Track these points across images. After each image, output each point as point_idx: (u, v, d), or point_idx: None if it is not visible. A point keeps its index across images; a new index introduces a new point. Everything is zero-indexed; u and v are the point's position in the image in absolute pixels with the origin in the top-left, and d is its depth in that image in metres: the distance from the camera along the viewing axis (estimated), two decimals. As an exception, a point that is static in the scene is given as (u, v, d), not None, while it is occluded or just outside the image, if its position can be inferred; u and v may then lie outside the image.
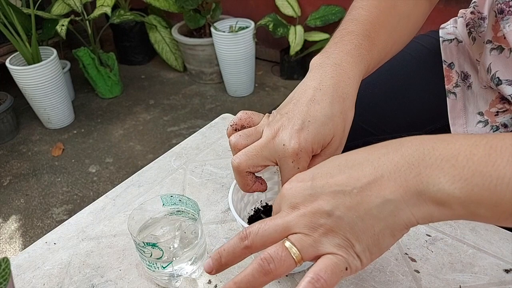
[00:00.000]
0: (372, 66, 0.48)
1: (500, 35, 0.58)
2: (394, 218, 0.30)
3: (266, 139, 0.40)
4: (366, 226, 0.30)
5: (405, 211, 0.29)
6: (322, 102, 0.40)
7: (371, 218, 0.30)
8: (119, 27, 2.49)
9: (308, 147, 0.39)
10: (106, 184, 1.75)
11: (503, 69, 0.58)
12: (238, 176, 0.42)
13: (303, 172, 0.35)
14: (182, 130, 2.06)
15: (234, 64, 2.17)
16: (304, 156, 0.39)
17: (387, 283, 0.45)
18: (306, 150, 0.39)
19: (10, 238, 1.53)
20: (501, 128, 0.63)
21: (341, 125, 0.41)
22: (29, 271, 0.50)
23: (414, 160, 0.29)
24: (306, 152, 0.39)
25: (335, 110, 0.40)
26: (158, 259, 0.43)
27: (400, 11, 0.52)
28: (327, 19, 2.12)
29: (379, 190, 0.30)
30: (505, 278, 0.45)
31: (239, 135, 0.42)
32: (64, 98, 2.06)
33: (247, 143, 0.42)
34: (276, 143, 0.39)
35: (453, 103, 0.68)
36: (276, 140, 0.39)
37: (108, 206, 0.58)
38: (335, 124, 0.40)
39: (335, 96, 0.41)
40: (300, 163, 0.39)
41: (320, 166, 0.34)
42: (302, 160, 0.39)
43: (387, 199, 0.29)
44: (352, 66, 0.43)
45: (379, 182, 0.30)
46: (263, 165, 0.41)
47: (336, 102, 0.40)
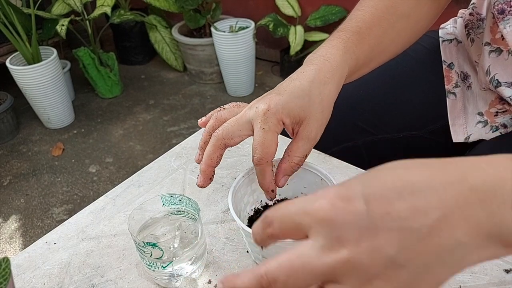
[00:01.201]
0: (362, 59, 0.49)
1: (498, 37, 0.58)
2: (462, 264, 0.24)
3: (244, 109, 0.43)
4: (433, 276, 0.24)
5: (474, 255, 0.24)
6: (302, 80, 0.43)
7: (440, 265, 0.23)
8: (119, 27, 2.49)
9: (277, 110, 0.41)
10: (106, 184, 1.75)
11: (502, 72, 0.58)
12: (212, 148, 0.43)
13: (344, 186, 0.26)
14: (182, 130, 2.06)
15: (234, 64, 2.16)
16: (271, 117, 0.41)
17: (387, 283, 0.45)
18: (274, 112, 0.41)
19: (10, 238, 1.53)
20: (500, 128, 0.63)
21: (318, 106, 0.42)
22: (29, 271, 0.50)
23: (486, 197, 0.23)
24: (275, 114, 0.41)
25: (313, 88, 0.42)
26: (158, 259, 0.43)
27: (399, 11, 0.52)
28: (327, 19, 2.12)
29: (450, 231, 0.23)
30: (505, 278, 0.45)
31: (221, 108, 0.47)
32: (64, 98, 2.06)
33: (228, 116, 0.45)
34: (252, 109, 0.42)
35: (452, 103, 0.68)
36: (252, 107, 0.42)
37: (108, 206, 0.58)
38: (311, 101, 0.42)
39: (316, 78, 0.43)
40: (266, 124, 0.41)
41: (367, 181, 0.25)
42: (268, 121, 0.40)
43: (460, 242, 0.23)
44: (336, 56, 0.45)
45: (450, 220, 0.23)
46: (240, 135, 0.43)
47: (315, 83, 0.43)
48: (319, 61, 0.45)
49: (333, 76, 0.44)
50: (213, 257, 0.50)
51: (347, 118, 0.71)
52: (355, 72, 0.50)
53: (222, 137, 0.43)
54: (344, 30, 0.49)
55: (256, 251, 0.46)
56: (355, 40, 0.48)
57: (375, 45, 0.50)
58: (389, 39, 0.52)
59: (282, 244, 0.42)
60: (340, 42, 0.47)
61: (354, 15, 0.52)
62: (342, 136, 0.71)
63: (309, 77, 0.43)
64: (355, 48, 0.47)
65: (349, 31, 0.48)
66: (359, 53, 0.48)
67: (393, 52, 0.56)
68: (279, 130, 0.42)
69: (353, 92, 0.72)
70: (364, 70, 0.53)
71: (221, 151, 0.44)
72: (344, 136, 0.71)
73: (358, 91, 0.72)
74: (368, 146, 0.71)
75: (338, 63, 0.45)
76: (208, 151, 0.44)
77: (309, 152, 0.44)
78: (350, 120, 0.71)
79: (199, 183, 0.46)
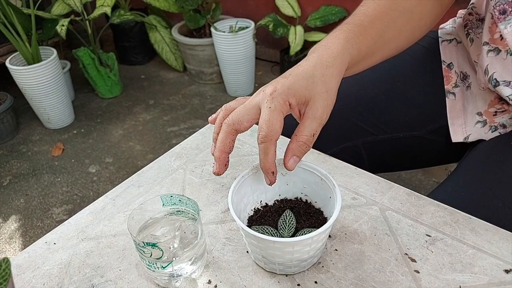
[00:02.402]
0: (364, 50, 0.51)
1: (497, 37, 0.58)
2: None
3: (252, 96, 0.46)
4: None
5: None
6: (305, 66, 0.45)
7: None
8: (119, 27, 2.49)
9: (283, 91, 0.43)
10: (106, 184, 1.75)
11: (500, 71, 0.58)
12: (224, 135, 0.45)
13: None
14: (182, 130, 2.06)
15: (234, 64, 2.17)
16: (277, 97, 0.43)
17: (387, 283, 0.45)
18: (280, 93, 0.43)
19: (10, 238, 1.53)
20: (499, 128, 0.63)
21: (322, 86, 0.44)
22: (29, 271, 0.50)
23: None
24: (281, 95, 0.43)
25: (316, 71, 0.45)
26: (158, 259, 0.43)
27: (401, 6, 0.54)
28: (327, 19, 2.12)
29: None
30: (505, 278, 0.45)
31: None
32: (64, 98, 2.06)
33: (237, 106, 0.47)
34: (259, 94, 0.44)
35: (452, 103, 0.68)
36: (259, 92, 0.45)
37: (108, 206, 0.58)
38: (314, 82, 0.44)
39: (318, 62, 0.46)
40: (272, 103, 0.42)
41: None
42: (275, 100, 0.43)
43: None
44: (338, 45, 0.48)
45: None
46: (249, 119, 0.45)
47: (318, 66, 0.45)
48: (321, 49, 0.47)
49: (334, 61, 0.46)
50: (213, 257, 0.50)
51: (347, 118, 0.71)
52: (358, 62, 0.51)
53: (232, 123, 0.45)
54: (346, 23, 0.51)
55: (256, 251, 0.46)
56: (357, 31, 0.50)
57: (377, 38, 0.52)
58: (391, 33, 0.54)
59: (284, 246, 0.42)
60: (341, 33, 0.49)
61: (357, 10, 0.54)
62: (342, 136, 0.71)
63: (312, 62, 0.46)
64: (357, 39, 0.49)
65: (351, 24, 0.51)
66: (361, 44, 0.50)
67: (397, 47, 0.57)
68: (285, 111, 0.43)
69: (353, 92, 0.72)
70: (367, 62, 0.54)
71: (232, 137, 0.46)
72: (344, 136, 0.71)
73: (358, 91, 0.72)
74: (368, 146, 0.71)
75: (339, 50, 0.47)
76: (220, 138, 0.45)
77: (317, 132, 0.44)
78: (350, 120, 0.71)
79: (215, 170, 0.47)
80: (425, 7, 0.56)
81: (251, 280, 0.47)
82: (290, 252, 0.43)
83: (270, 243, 0.42)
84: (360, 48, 0.50)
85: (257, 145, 0.44)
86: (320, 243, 0.45)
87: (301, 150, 0.45)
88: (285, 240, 0.42)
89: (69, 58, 2.38)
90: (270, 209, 0.52)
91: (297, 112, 0.45)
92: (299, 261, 0.45)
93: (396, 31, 0.55)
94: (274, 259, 0.45)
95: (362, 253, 0.48)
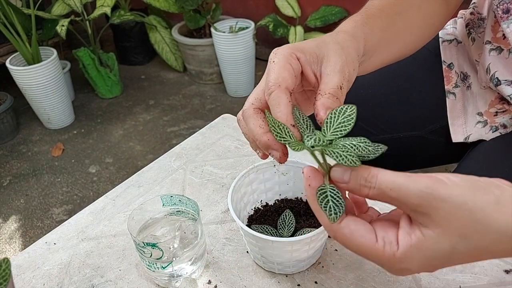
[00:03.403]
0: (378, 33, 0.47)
1: (499, 35, 0.58)
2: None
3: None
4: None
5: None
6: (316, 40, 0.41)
7: None
8: (119, 27, 2.49)
9: (287, 46, 0.39)
10: (106, 184, 1.75)
11: (502, 70, 0.58)
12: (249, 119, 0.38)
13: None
14: (182, 131, 2.06)
15: (234, 65, 2.17)
16: (281, 50, 0.38)
17: (387, 283, 0.45)
18: (284, 47, 0.39)
19: (10, 238, 1.53)
20: (500, 128, 0.63)
21: (335, 45, 0.40)
22: (29, 271, 0.50)
23: None
24: (284, 48, 0.38)
25: (325, 37, 0.41)
26: (158, 259, 0.43)
27: (407, 1, 0.53)
28: (327, 19, 2.12)
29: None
30: (505, 279, 0.45)
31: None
32: (64, 98, 2.06)
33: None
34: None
35: (452, 103, 0.68)
36: None
37: (108, 206, 0.58)
38: (325, 42, 0.40)
39: (326, 35, 0.42)
40: (276, 57, 0.38)
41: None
42: (278, 54, 0.38)
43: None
44: (347, 25, 0.45)
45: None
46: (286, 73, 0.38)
47: (327, 35, 0.42)
48: (328, 34, 0.43)
49: (346, 30, 0.43)
50: (213, 257, 0.50)
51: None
52: (375, 50, 0.47)
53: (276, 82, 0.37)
54: (355, 15, 0.49)
55: (255, 250, 0.46)
56: (365, 17, 0.47)
57: (388, 24, 0.49)
58: (402, 23, 0.51)
59: (282, 245, 0.42)
60: (349, 20, 0.46)
61: (364, 5, 0.52)
62: (342, 136, 0.71)
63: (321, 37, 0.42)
64: (367, 20, 0.46)
65: (358, 15, 0.48)
66: (373, 26, 0.46)
67: (409, 41, 0.55)
68: (293, 63, 0.38)
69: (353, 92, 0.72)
70: (384, 54, 0.50)
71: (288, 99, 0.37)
72: (344, 136, 0.71)
73: (359, 91, 0.72)
74: (368, 146, 0.71)
75: (350, 27, 0.44)
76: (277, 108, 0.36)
77: (343, 86, 0.38)
78: (350, 120, 0.71)
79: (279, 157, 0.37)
80: (433, 6, 0.56)
81: (251, 280, 0.47)
82: (289, 251, 0.43)
83: (269, 242, 0.42)
84: (373, 30, 0.46)
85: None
86: (319, 243, 0.45)
87: (331, 101, 0.36)
88: (284, 240, 0.42)
89: (69, 58, 2.38)
90: (270, 208, 0.52)
91: (310, 72, 0.39)
92: (298, 261, 0.45)
93: (407, 23, 0.52)
94: (273, 258, 0.45)
95: (362, 253, 0.48)
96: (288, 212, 0.50)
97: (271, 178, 0.52)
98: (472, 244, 0.29)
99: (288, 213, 0.49)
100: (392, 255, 0.30)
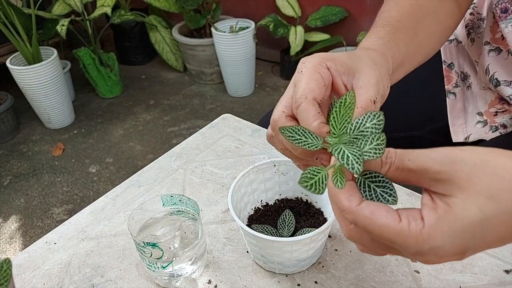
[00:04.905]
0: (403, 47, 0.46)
1: (498, 36, 0.58)
2: None
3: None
4: None
5: None
6: (347, 52, 0.40)
7: None
8: (120, 27, 2.49)
9: (317, 55, 0.37)
10: (106, 184, 1.75)
11: (501, 71, 0.58)
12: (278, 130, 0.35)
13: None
14: (182, 130, 2.06)
15: (234, 65, 2.17)
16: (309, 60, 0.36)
17: (387, 283, 0.45)
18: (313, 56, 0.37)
19: (10, 238, 1.53)
20: (500, 128, 0.63)
21: (368, 60, 0.38)
22: (29, 270, 0.50)
23: None
24: (314, 57, 0.36)
25: (356, 51, 0.40)
26: (158, 259, 0.43)
27: (424, 7, 0.51)
28: (327, 19, 2.12)
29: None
30: (505, 279, 0.45)
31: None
32: (65, 98, 2.06)
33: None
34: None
35: (452, 103, 0.68)
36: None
37: (108, 206, 0.58)
38: (357, 56, 0.38)
39: (356, 51, 0.41)
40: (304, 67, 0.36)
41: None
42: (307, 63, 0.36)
43: None
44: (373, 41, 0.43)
45: None
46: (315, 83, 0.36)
47: (357, 50, 0.41)
48: (357, 50, 0.42)
49: (375, 48, 0.42)
50: (213, 257, 0.50)
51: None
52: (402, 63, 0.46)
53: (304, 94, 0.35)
54: (373, 28, 0.47)
55: (255, 250, 0.46)
56: (389, 30, 0.45)
57: (411, 36, 0.48)
58: (422, 33, 0.50)
59: (282, 245, 0.42)
60: (374, 37, 0.44)
61: (379, 17, 0.50)
62: (342, 136, 0.71)
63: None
64: (392, 36, 0.45)
65: (381, 28, 0.46)
66: (398, 40, 0.45)
67: (429, 49, 0.54)
68: (322, 71, 0.36)
69: None
70: (407, 64, 0.49)
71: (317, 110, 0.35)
72: (344, 136, 0.71)
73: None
74: (368, 146, 0.71)
75: (379, 44, 0.42)
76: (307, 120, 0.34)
77: (377, 100, 0.36)
78: (350, 120, 0.71)
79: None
80: (447, 9, 0.55)
81: (251, 280, 0.47)
82: (289, 251, 0.43)
83: (269, 242, 0.42)
84: (399, 46, 0.45)
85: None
86: (319, 243, 0.45)
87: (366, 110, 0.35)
88: (284, 240, 0.42)
89: (70, 58, 2.38)
90: (270, 208, 0.52)
91: (340, 83, 0.37)
92: (298, 260, 0.45)
93: (427, 32, 0.51)
94: (273, 258, 0.45)
95: (362, 253, 0.48)
96: (288, 212, 0.50)
97: (271, 178, 0.52)
98: (502, 206, 0.26)
99: (288, 213, 0.49)
100: (419, 233, 0.27)
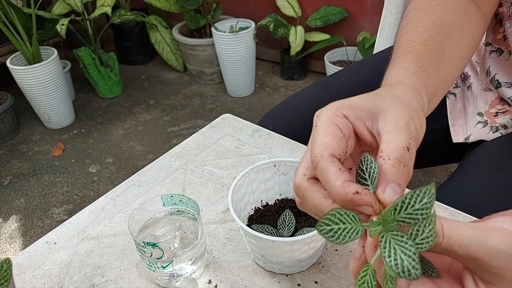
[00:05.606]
0: (432, 71, 0.43)
1: (500, 37, 0.58)
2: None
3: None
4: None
5: None
6: (366, 94, 0.36)
7: None
8: (120, 27, 2.49)
9: (332, 105, 0.33)
10: (106, 184, 1.75)
11: (502, 72, 0.58)
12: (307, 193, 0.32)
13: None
14: (182, 130, 2.06)
15: (234, 65, 2.17)
16: (324, 112, 0.32)
17: (387, 283, 0.45)
18: (328, 107, 0.33)
19: (10, 238, 1.53)
20: (501, 129, 0.63)
21: (393, 99, 0.34)
22: (29, 270, 0.50)
23: None
24: (328, 108, 0.33)
25: (379, 91, 0.36)
26: (158, 259, 0.43)
27: (448, 22, 0.48)
28: (327, 19, 2.12)
29: None
30: None
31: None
32: (65, 98, 2.06)
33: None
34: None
35: (452, 103, 0.68)
36: None
37: (108, 206, 0.58)
38: (379, 95, 0.34)
39: (379, 89, 0.38)
40: (318, 121, 0.32)
41: None
42: (321, 116, 0.32)
43: None
44: (397, 73, 0.41)
45: None
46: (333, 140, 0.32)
47: (380, 89, 0.38)
48: (380, 88, 0.38)
49: (401, 81, 0.38)
50: (213, 257, 0.50)
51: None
52: (436, 88, 0.43)
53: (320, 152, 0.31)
54: (399, 59, 0.43)
55: (255, 250, 0.46)
56: (415, 61, 0.42)
57: (439, 57, 0.44)
58: (450, 50, 0.46)
59: (282, 245, 0.42)
60: (398, 69, 0.41)
61: (398, 44, 0.46)
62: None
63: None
64: (417, 62, 0.42)
65: (404, 57, 0.43)
66: (426, 66, 0.42)
67: (460, 65, 0.50)
68: (338, 122, 0.31)
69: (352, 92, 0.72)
70: (441, 88, 0.45)
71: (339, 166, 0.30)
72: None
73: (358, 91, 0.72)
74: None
75: (406, 80, 0.38)
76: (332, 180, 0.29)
77: (410, 146, 0.31)
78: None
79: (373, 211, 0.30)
80: (472, 21, 0.52)
81: (251, 280, 0.47)
82: (289, 251, 0.43)
83: (269, 242, 0.42)
84: (429, 73, 0.41)
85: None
86: (319, 243, 0.45)
87: (395, 171, 0.29)
88: (284, 240, 0.42)
89: (70, 58, 2.39)
90: (270, 208, 0.52)
91: (364, 130, 0.32)
92: (298, 260, 0.45)
93: (455, 48, 0.47)
94: (273, 258, 0.45)
95: (362, 253, 0.48)
96: (288, 212, 0.50)
97: (272, 178, 0.52)
98: None
99: (288, 213, 0.49)
100: None
